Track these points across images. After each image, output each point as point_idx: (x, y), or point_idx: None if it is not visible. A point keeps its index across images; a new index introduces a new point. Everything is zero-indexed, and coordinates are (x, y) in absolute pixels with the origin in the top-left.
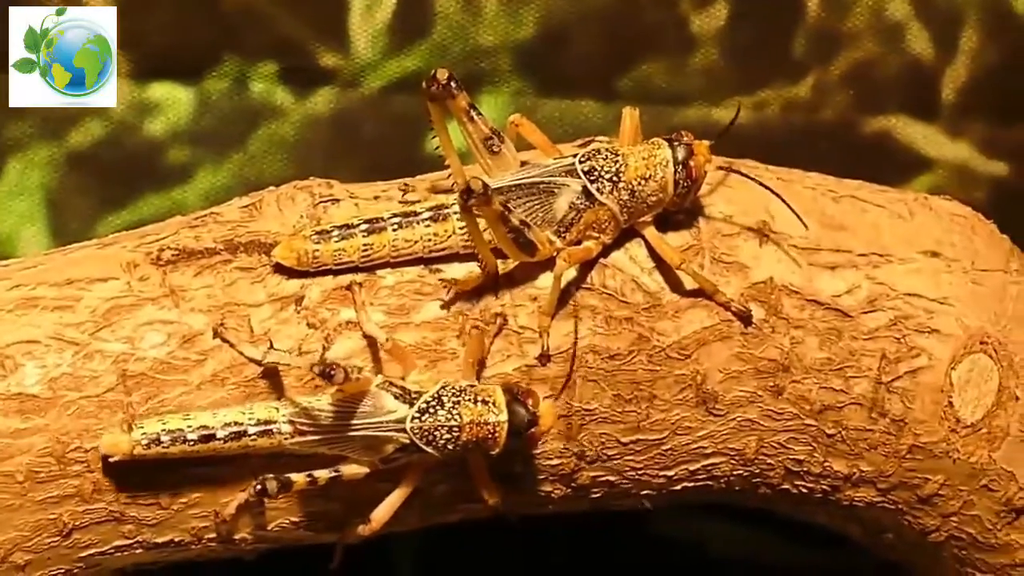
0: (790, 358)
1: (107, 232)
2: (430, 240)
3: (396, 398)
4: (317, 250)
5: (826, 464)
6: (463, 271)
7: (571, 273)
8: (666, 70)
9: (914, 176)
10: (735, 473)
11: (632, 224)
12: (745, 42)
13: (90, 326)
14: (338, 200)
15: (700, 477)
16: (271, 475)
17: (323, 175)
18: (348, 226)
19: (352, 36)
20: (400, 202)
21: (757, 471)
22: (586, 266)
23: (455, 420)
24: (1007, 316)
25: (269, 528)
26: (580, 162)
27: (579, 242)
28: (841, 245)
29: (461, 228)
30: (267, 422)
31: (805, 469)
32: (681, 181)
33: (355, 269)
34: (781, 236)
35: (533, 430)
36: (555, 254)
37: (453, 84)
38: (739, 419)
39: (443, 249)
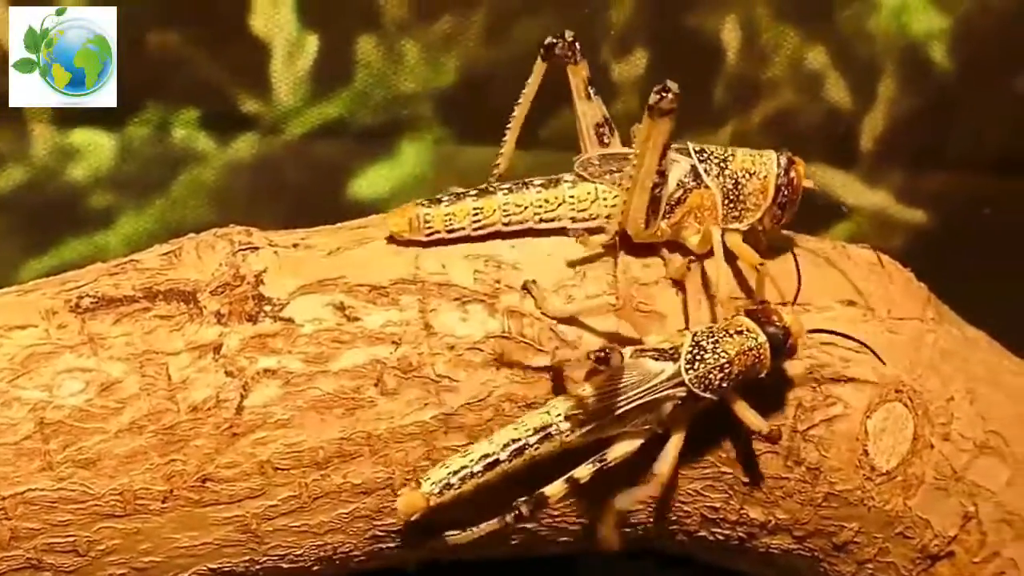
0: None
1: (29, 277)
2: (540, 207)
3: (656, 360)
4: (429, 214)
5: (742, 512)
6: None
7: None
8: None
9: (833, 224)
10: (651, 521)
11: (725, 228)
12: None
13: (8, 373)
14: (258, 248)
15: (618, 524)
16: (523, 499)
17: (246, 220)
18: (458, 193)
19: (274, 83)
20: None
21: (674, 518)
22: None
23: (723, 357)
24: (923, 364)
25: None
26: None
27: (679, 229)
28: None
29: (571, 196)
30: (543, 428)
31: (721, 516)
32: (783, 188)
33: (467, 239)
34: (699, 285)
35: (791, 341)
36: (659, 235)
37: (578, 47)
38: None
39: (553, 218)
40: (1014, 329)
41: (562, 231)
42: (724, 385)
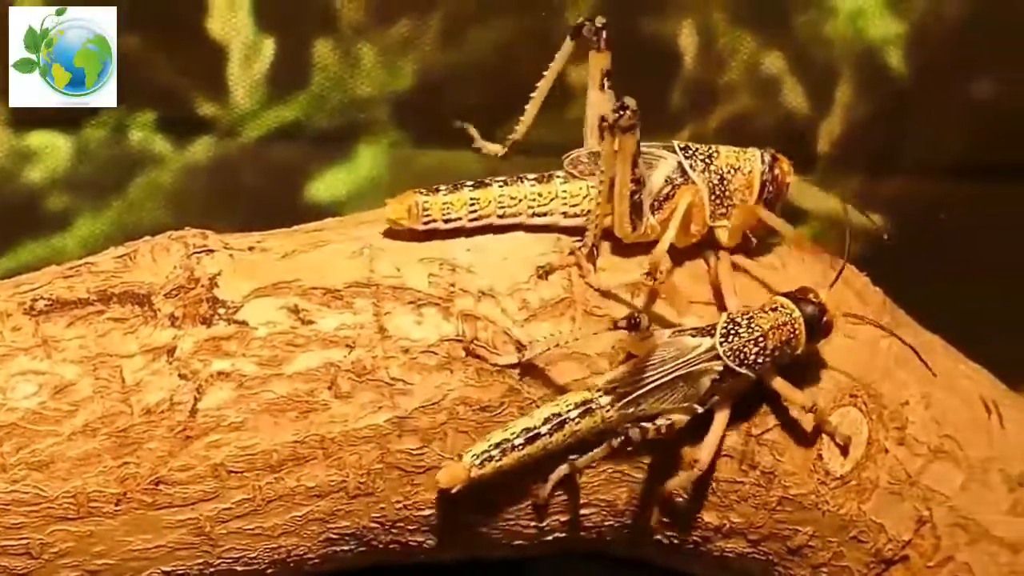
0: None
1: None
2: (534, 200)
3: (693, 336)
4: (427, 202)
5: (696, 515)
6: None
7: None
8: (544, 122)
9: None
10: (606, 524)
11: (714, 225)
12: (621, 95)
13: None
14: (213, 251)
15: (572, 528)
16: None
17: (203, 223)
18: (455, 184)
19: (231, 86)
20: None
21: (628, 522)
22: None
23: (758, 331)
24: (878, 369)
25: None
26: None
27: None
28: (712, 297)
29: (563, 191)
30: (584, 403)
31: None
32: (768, 184)
33: (462, 232)
34: (654, 288)
35: (826, 318)
36: (648, 234)
37: (604, 35)
38: (610, 471)
39: (545, 212)
40: (969, 333)
41: (548, 228)
42: (760, 361)
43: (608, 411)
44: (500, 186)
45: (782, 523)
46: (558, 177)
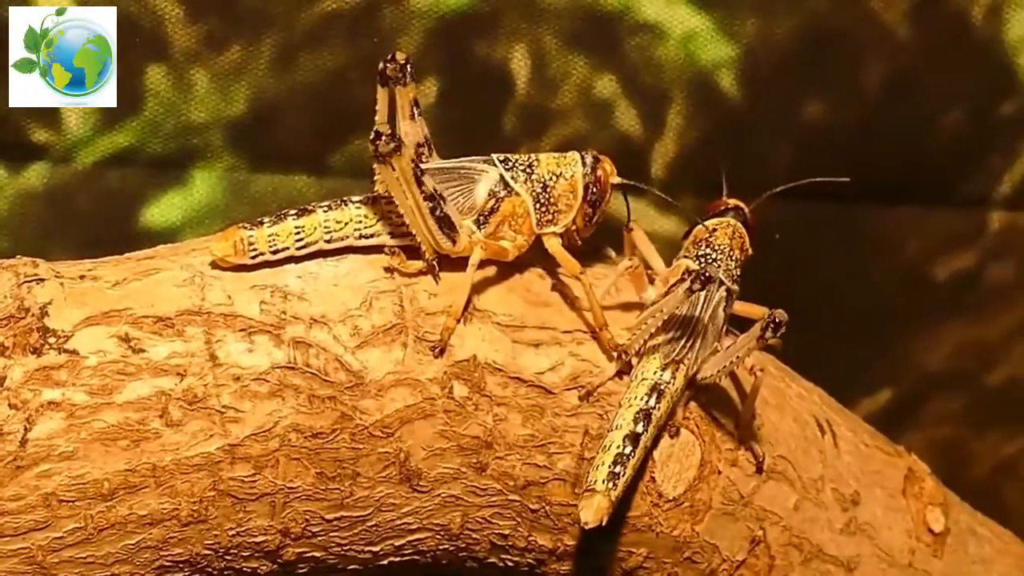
0: (493, 435)
1: None
2: (360, 222)
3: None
4: (252, 236)
5: (531, 538)
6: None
7: (277, 355)
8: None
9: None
10: (441, 548)
11: (541, 232)
12: (456, 118)
13: None
14: (43, 279)
15: (406, 552)
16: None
17: (38, 250)
18: (280, 215)
19: (63, 113)
20: None
21: (463, 545)
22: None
23: (725, 246)
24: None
25: None
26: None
27: (497, 237)
28: (546, 322)
29: (390, 212)
30: (654, 387)
31: (510, 543)
32: (591, 186)
33: (292, 260)
34: (485, 314)
35: (747, 215)
36: (474, 245)
37: (409, 69)
38: (443, 495)
39: (372, 234)
40: (802, 353)
41: (379, 248)
42: (739, 272)
43: (672, 384)
44: (325, 211)
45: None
46: (383, 197)
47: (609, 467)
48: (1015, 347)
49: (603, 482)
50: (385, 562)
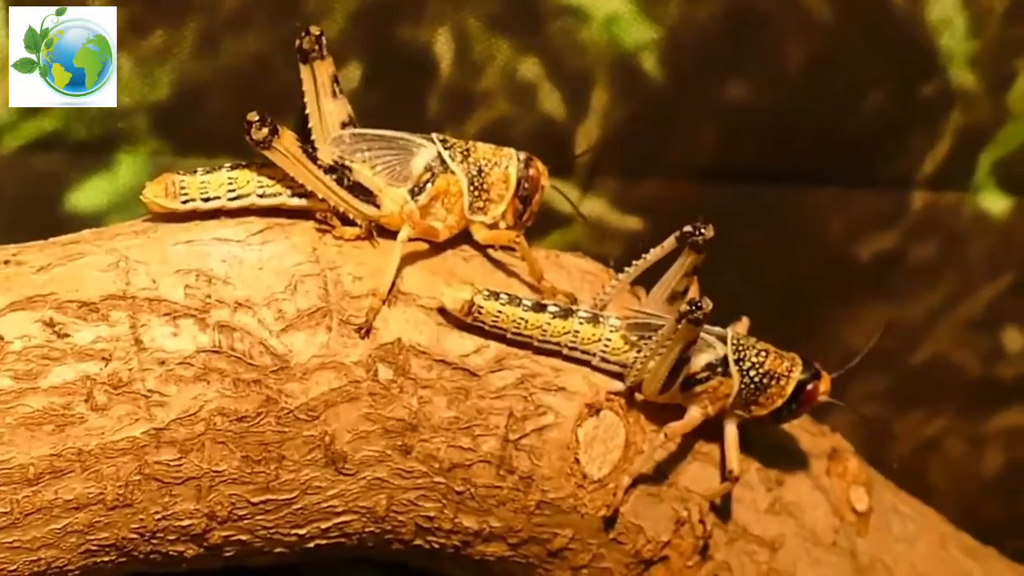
0: (418, 417)
1: None
2: (293, 182)
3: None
4: (184, 181)
5: (456, 521)
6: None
7: (200, 339)
8: (302, 129)
9: (549, 232)
10: (367, 530)
11: (471, 220)
12: (380, 101)
13: None
14: None
15: (332, 535)
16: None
17: None
18: (215, 167)
19: None
20: None
21: (389, 528)
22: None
23: (763, 353)
24: None
25: None
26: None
27: (427, 213)
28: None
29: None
30: (595, 314)
31: (436, 526)
32: (523, 181)
33: (223, 212)
34: (409, 296)
35: (812, 385)
36: (407, 215)
37: (324, 42)
38: (369, 478)
39: (305, 195)
40: None
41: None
42: (751, 376)
43: (615, 331)
44: (259, 167)
45: (541, 526)
46: None
47: (502, 292)
48: (938, 327)
49: (485, 289)
50: (311, 545)
